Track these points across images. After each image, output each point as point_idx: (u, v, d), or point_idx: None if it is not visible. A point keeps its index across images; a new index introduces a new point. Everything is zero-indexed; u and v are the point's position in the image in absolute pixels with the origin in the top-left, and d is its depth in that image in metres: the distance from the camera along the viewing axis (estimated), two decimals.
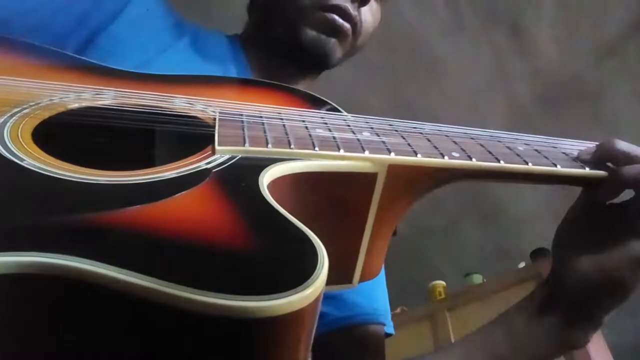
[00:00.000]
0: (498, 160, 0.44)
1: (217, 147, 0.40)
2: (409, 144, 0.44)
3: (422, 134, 0.47)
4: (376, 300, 0.71)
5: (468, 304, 2.29)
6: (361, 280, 0.46)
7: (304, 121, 0.46)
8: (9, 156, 0.35)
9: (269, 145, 0.40)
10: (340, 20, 0.68)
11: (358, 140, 0.44)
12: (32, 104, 0.43)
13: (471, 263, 2.82)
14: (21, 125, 0.40)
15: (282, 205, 0.33)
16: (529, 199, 2.65)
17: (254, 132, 0.42)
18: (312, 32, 0.68)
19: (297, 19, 0.68)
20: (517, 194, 2.67)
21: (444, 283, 2.68)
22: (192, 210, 0.33)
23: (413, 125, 0.49)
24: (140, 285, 0.25)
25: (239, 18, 0.80)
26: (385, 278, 0.74)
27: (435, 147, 0.45)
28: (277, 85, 0.60)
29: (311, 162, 0.40)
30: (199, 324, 0.25)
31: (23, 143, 0.37)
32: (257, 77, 0.72)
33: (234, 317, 0.25)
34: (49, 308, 0.27)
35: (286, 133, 0.43)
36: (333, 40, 0.69)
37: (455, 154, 0.44)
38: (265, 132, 0.43)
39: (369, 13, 0.72)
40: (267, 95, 0.57)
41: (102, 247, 0.28)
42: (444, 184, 0.45)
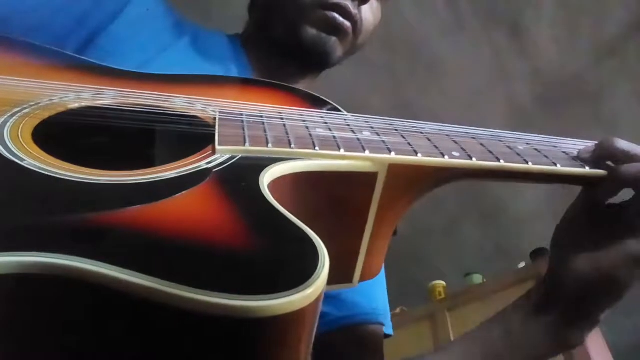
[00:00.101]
0: (498, 160, 0.44)
1: (217, 147, 0.39)
2: (409, 143, 0.44)
3: (422, 133, 0.47)
4: (376, 300, 0.70)
5: (468, 304, 2.29)
6: (361, 279, 0.46)
7: (304, 121, 0.46)
8: (9, 156, 0.35)
9: (270, 145, 0.40)
10: (341, 19, 0.68)
11: (358, 139, 0.44)
12: (32, 103, 0.43)
13: (471, 263, 2.82)
14: (21, 125, 0.40)
15: (282, 205, 0.33)
16: (529, 198, 2.65)
17: (254, 132, 0.42)
18: (313, 31, 0.68)
19: (298, 17, 0.68)
20: (518, 194, 2.67)
21: (444, 283, 2.69)
22: (192, 210, 0.33)
23: (413, 124, 0.49)
24: (142, 285, 0.25)
25: (239, 18, 0.80)
26: (385, 278, 0.74)
27: (436, 147, 0.45)
28: (278, 84, 0.60)
29: (311, 162, 0.40)
30: (200, 324, 0.25)
31: (23, 143, 0.37)
32: (258, 77, 0.72)
33: (235, 316, 0.25)
34: (50, 308, 0.26)
35: (286, 133, 0.43)
36: (333, 38, 0.69)
37: (456, 154, 0.44)
38: (266, 132, 0.43)
39: (370, 11, 0.72)
40: (268, 95, 0.57)
41: (103, 247, 0.28)
42: (444, 184, 0.45)
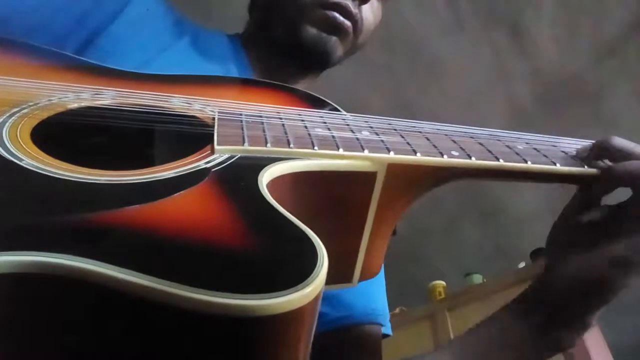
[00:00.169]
0: (497, 159, 0.44)
1: (216, 147, 0.40)
2: (408, 143, 0.44)
3: (421, 133, 0.47)
4: (374, 300, 0.70)
5: (468, 304, 2.29)
6: (361, 279, 0.46)
7: (303, 120, 0.46)
8: (7, 156, 0.35)
9: (268, 145, 0.40)
10: (341, 18, 0.68)
11: (357, 139, 0.44)
12: (30, 104, 0.43)
13: (471, 263, 2.82)
14: (20, 126, 0.40)
15: (281, 205, 0.33)
16: (529, 198, 2.65)
17: (253, 132, 0.42)
18: (313, 30, 0.68)
19: (298, 17, 0.68)
20: (517, 194, 2.67)
21: (444, 283, 2.69)
22: (191, 210, 0.33)
23: (412, 124, 0.49)
24: (141, 285, 0.25)
25: (239, 18, 0.80)
26: (384, 278, 0.74)
27: (435, 146, 0.45)
28: (277, 84, 0.60)
29: (310, 162, 0.40)
30: (199, 323, 0.25)
31: (22, 143, 0.37)
32: (258, 77, 0.72)
33: (234, 315, 0.25)
34: (49, 308, 0.26)
35: (285, 132, 0.43)
36: (334, 38, 0.69)
37: (455, 153, 0.44)
38: (265, 132, 0.43)
39: (370, 11, 0.72)
40: (267, 95, 0.57)
41: (102, 246, 0.28)
42: (443, 183, 0.45)
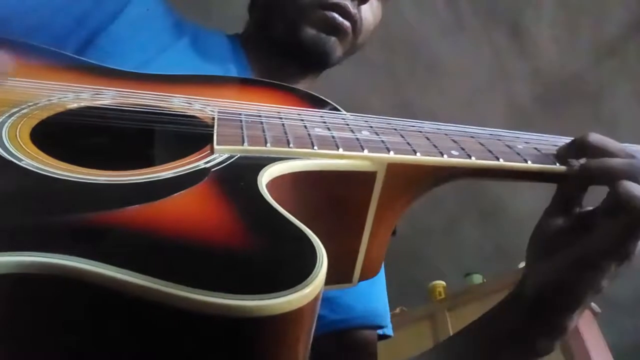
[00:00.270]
0: (497, 159, 0.44)
1: (215, 147, 0.39)
2: (408, 142, 0.44)
3: (421, 132, 0.47)
4: (373, 301, 0.70)
5: (468, 304, 2.29)
6: (361, 279, 0.46)
7: (303, 120, 0.46)
8: (7, 156, 0.35)
9: (268, 145, 0.40)
10: (340, 19, 0.68)
11: (357, 139, 0.44)
12: (30, 104, 0.43)
13: (471, 263, 2.82)
14: (19, 126, 0.40)
15: (281, 205, 0.33)
16: (529, 198, 2.64)
17: (252, 132, 0.42)
18: (312, 31, 0.68)
19: (297, 17, 0.68)
20: (517, 193, 2.67)
21: (444, 283, 2.69)
22: (190, 210, 0.33)
23: (412, 124, 0.49)
24: (139, 285, 0.25)
25: (239, 18, 0.80)
26: (385, 278, 0.74)
27: (435, 146, 0.44)
28: (277, 84, 0.60)
29: (310, 161, 0.40)
30: (198, 324, 0.25)
31: (21, 143, 0.37)
32: (257, 77, 0.72)
33: (233, 316, 0.25)
34: (48, 308, 0.26)
35: (285, 132, 0.43)
36: (333, 38, 0.69)
37: (455, 153, 0.44)
38: (264, 132, 0.43)
39: (370, 11, 0.72)
40: (267, 95, 0.57)
41: (101, 246, 0.28)
42: (443, 183, 0.45)
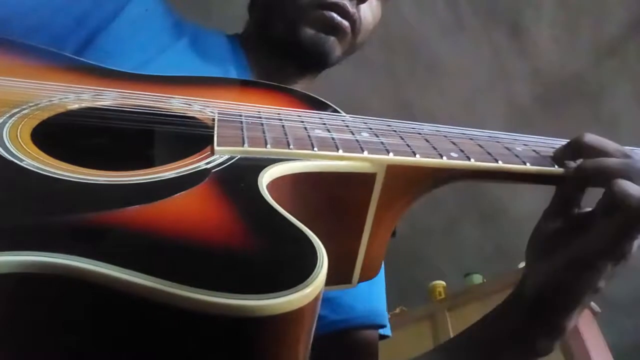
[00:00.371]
0: (497, 161, 0.44)
1: (216, 148, 0.40)
2: (407, 144, 0.44)
3: (420, 134, 0.48)
4: (374, 301, 0.70)
5: (468, 304, 2.29)
6: (360, 280, 0.46)
7: (302, 122, 0.47)
8: (8, 157, 0.35)
9: (268, 146, 0.41)
10: (339, 18, 0.68)
11: (357, 140, 0.44)
12: (31, 104, 0.43)
13: (471, 263, 2.82)
14: (20, 126, 0.40)
15: (281, 205, 0.33)
16: (529, 198, 2.65)
17: (253, 133, 0.42)
18: (311, 31, 0.68)
19: (297, 17, 0.68)
20: (517, 194, 2.67)
21: (444, 283, 2.69)
22: (191, 210, 0.33)
23: (411, 125, 0.49)
24: (141, 285, 0.25)
25: (239, 18, 0.81)
26: (384, 278, 0.74)
27: (434, 148, 0.45)
28: (276, 86, 0.60)
29: (310, 163, 0.40)
30: (199, 323, 0.25)
31: (22, 143, 0.37)
32: (257, 78, 0.72)
33: (234, 316, 0.25)
34: (50, 308, 0.27)
35: (285, 133, 0.43)
36: (332, 38, 0.69)
37: (454, 154, 0.44)
38: (264, 133, 0.43)
39: (369, 10, 0.72)
40: (267, 96, 0.57)
41: (102, 246, 0.28)
42: (442, 184, 0.45)
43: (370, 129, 0.47)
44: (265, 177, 0.37)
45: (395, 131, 0.47)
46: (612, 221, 0.42)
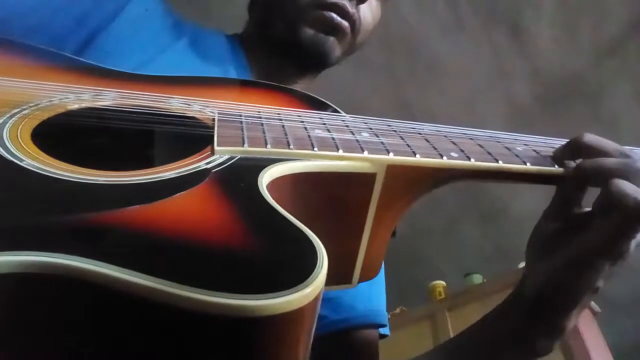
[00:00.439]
0: (497, 161, 0.44)
1: (216, 148, 0.40)
2: (407, 144, 0.45)
3: (420, 134, 0.48)
4: (374, 300, 0.70)
5: (468, 304, 2.29)
6: (360, 280, 0.46)
7: (302, 122, 0.47)
8: (8, 156, 0.35)
9: (268, 146, 0.41)
10: (338, 19, 0.68)
11: (357, 140, 0.44)
12: (31, 105, 0.43)
13: (471, 263, 2.82)
14: (20, 126, 0.40)
15: (281, 205, 0.33)
16: (529, 198, 2.65)
17: (253, 133, 0.42)
18: (311, 31, 0.68)
19: (297, 17, 0.68)
20: (517, 194, 2.67)
21: (444, 283, 2.69)
22: (191, 210, 0.33)
23: (412, 125, 0.49)
24: (141, 285, 0.25)
25: (239, 18, 0.81)
26: (384, 278, 0.74)
27: (434, 148, 0.45)
28: (276, 86, 0.60)
29: (310, 163, 0.40)
30: (199, 323, 0.25)
31: (22, 143, 0.37)
32: (257, 78, 0.72)
33: (234, 316, 0.25)
34: (50, 308, 0.27)
35: (285, 133, 0.43)
36: (332, 38, 0.69)
37: (454, 154, 0.44)
38: (264, 133, 0.43)
39: (369, 11, 0.72)
40: (267, 96, 0.57)
41: (102, 246, 0.28)
42: (442, 184, 0.45)
43: (371, 129, 0.47)
44: (266, 177, 0.37)
45: (395, 131, 0.47)
46: (609, 221, 0.42)
